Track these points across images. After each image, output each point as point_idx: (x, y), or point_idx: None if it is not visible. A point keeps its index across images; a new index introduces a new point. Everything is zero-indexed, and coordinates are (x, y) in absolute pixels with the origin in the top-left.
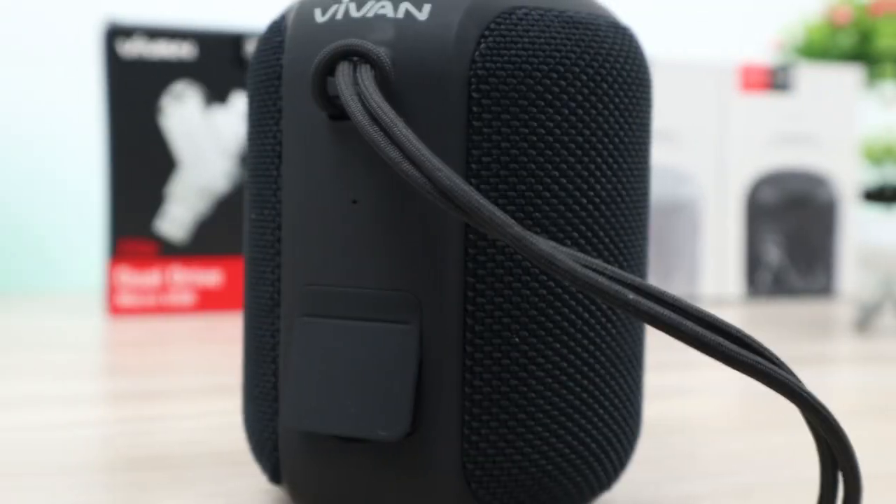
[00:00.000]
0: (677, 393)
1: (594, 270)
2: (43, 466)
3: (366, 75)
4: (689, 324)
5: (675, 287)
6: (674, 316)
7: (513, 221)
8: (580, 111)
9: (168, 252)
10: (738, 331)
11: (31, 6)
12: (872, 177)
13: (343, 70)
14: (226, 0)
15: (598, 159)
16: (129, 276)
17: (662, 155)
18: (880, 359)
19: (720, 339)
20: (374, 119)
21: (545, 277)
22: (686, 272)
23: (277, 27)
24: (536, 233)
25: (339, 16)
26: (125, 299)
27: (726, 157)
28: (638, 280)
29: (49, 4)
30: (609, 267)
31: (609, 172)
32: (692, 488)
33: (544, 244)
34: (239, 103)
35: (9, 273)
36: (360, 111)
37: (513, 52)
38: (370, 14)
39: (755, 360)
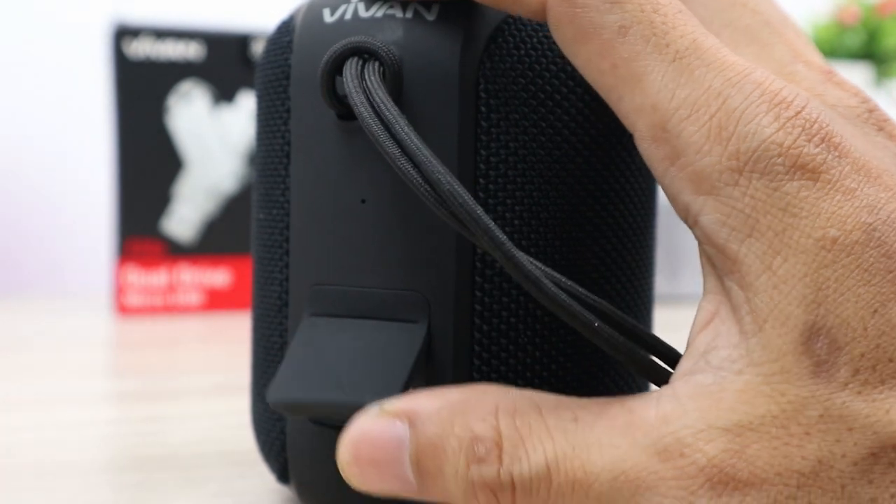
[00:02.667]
0: None
1: (571, 295)
2: (50, 466)
3: (373, 72)
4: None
5: (682, 286)
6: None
7: (506, 238)
8: (588, 111)
9: (176, 252)
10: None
11: (37, 6)
12: None
13: (351, 66)
14: (233, 0)
15: (607, 159)
16: (137, 276)
17: None
18: None
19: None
20: (377, 114)
21: None
22: (693, 271)
23: (286, 27)
24: (542, 233)
25: (348, 16)
26: (133, 299)
27: None
28: (607, 307)
29: (56, 4)
30: (584, 291)
31: (617, 172)
32: None
33: (532, 266)
34: (246, 103)
35: (16, 273)
36: (363, 104)
37: (522, 52)
38: (379, 14)
39: None
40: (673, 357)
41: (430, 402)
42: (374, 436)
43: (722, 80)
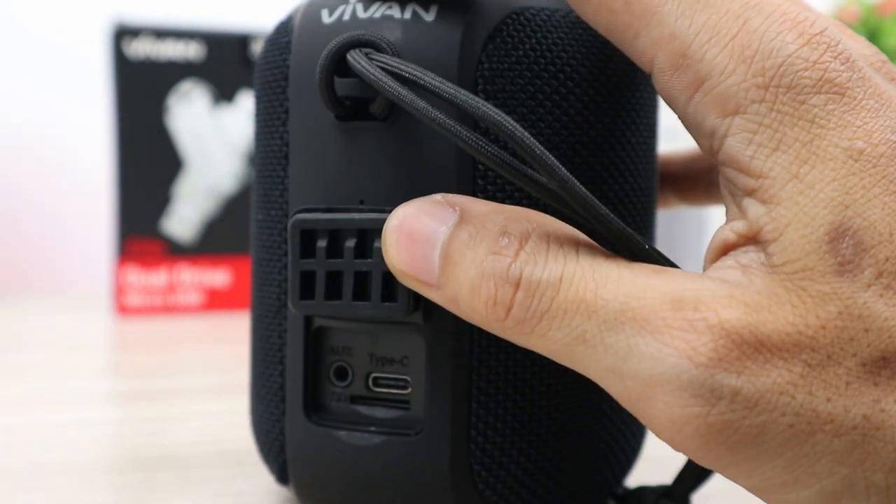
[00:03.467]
0: None
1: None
2: (50, 466)
3: (378, 56)
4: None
5: None
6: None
7: (559, 164)
8: (586, 112)
9: (175, 252)
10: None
11: (37, 6)
12: None
13: (355, 53)
14: (233, 0)
15: (605, 160)
16: (137, 276)
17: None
18: None
19: None
20: (399, 78)
21: None
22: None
23: (284, 28)
24: None
25: (347, 17)
26: (133, 299)
27: None
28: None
29: (56, 4)
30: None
31: (616, 173)
32: (701, 487)
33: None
34: (246, 103)
35: (16, 273)
36: (380, 74)
37: (520, 52)
38: (377, 15)
39: None
40: None
41: (487, 205)
42: (423, 213)
43: (740, 4)
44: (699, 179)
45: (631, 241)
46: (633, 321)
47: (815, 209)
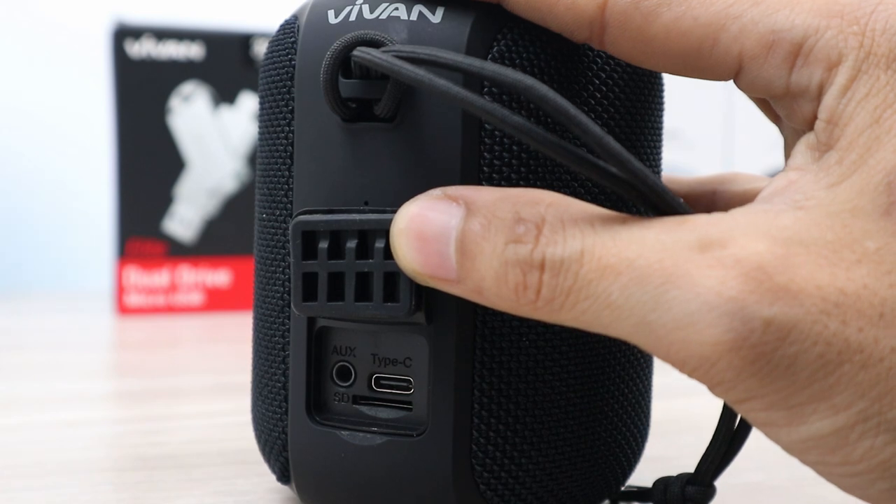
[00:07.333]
0: (686, 392)
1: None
2: (51, 465)
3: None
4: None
5: None
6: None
7: (596, 125)
8: (593, 115)
9: (176, 252)
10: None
11: (38, 6)
12: None
13: (363, 47)
14: (234, 0)
15: None
16: (138, 276)
17: (669, 154)
18: None
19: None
20: (417, 61)
21: None
22: None
23: (290, 28)
24: None
25: (353, 17)
26: (133, 299)
27: (733, 157)
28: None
29: (57, 4)
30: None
31: None
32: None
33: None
34: (247, 103)
35: (18, 273)
36: (396, 60)
37: (525, 55)
38: (384, 16)
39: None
40: None
41: (489, 192)
42: (428, 211)
43: None
44: (699, 206)
45: (665, 195)
46: (661, 273)
47: (883, 152)
